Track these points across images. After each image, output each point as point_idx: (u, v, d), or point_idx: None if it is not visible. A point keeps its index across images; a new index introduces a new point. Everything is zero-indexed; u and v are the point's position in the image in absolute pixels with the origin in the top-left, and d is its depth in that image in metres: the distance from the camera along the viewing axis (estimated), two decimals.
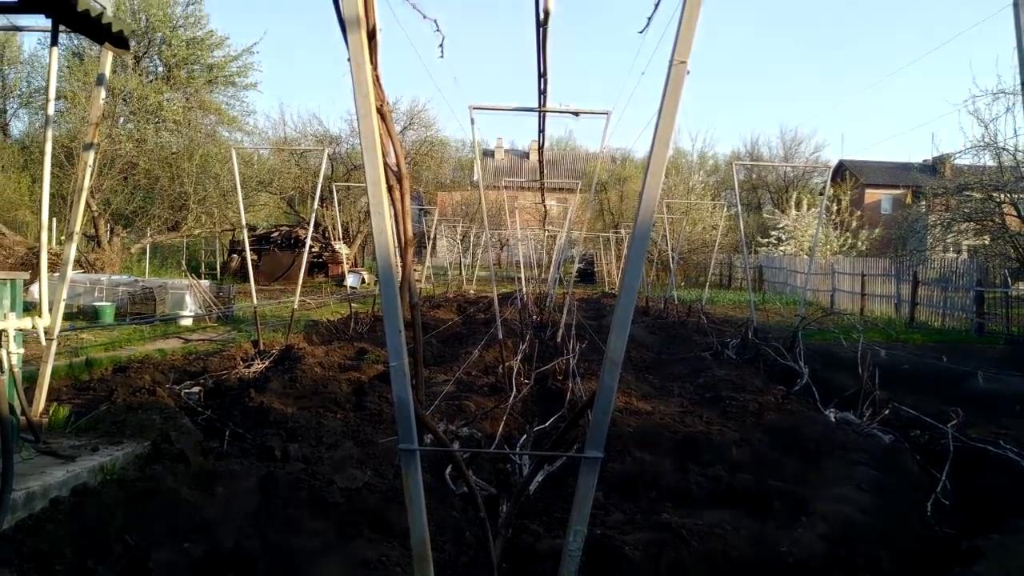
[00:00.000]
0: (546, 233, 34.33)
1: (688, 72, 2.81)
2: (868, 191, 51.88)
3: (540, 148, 14.41)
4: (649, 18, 5.38)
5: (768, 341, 12.85)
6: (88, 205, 21.70)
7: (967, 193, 24.05)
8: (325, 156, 17.10)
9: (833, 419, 7.76)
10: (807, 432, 6.98)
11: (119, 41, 6.05)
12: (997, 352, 14.78)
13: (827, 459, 6.20)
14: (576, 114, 9.75)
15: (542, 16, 6.23)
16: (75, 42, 30.24)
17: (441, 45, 5.47)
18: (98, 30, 5.87)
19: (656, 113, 3.01)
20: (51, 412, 6.54)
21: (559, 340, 13.43)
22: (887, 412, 7.71)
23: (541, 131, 12.08)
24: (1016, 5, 6.24)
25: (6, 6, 5.86)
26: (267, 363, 10.67)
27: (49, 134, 6.13)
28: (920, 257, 26.85)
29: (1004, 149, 21.20)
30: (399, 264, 3.84)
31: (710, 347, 13.72)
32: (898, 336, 17.37)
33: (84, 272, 20.49)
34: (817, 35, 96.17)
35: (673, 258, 25.41)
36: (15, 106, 35.50)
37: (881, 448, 6.59)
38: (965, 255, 26.96)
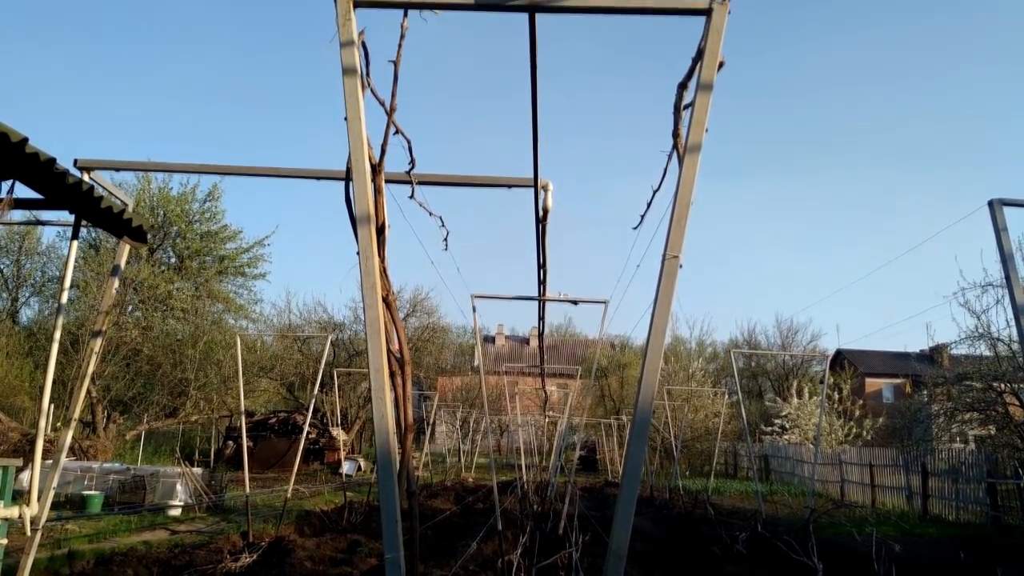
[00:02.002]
0: (547, 419, 34.00)
1: (681, 266, 2.94)
2: (868, 380, 51.96)
3: (540, 334, 14.64)
4: (642, 216, 5.67)
5: (779, 534, 12.37)
6: (88, 391, 21.69)
7: (967, 383, 24.03)
8: (328, 343, 17.32)
9: None
10: None
11: (137, 235, 6.34)
12: (1015, 547, 14.17)
13: None
14: (575, 302, 10.02)
15: (541, 213, 6.58)
16: (92, 234, 31.55)
17: (445, 239, 5.73)
18: (118, 225, 6.17)
19: (652, 303, 3.11)
20: None
21: (561, 532, 12.93)
22: None
23: (541, 318, 12.35)
24: (991, 204, 6.61)
25: (33, 202, 6.21)
26: (255, 556, 10.21)
27: (60, 322, 6.27)
28: (927, 447, 26.38)
29: (999, 340, 21.43)
30: (399, 450, 3.80)
31: (719, 540, 13.18)
32: (912, 529, 16.74)
33: (76, 460, 20.09)
34: (807, 229, 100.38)
35: (676, 446, 24.99)
36: (27, 294, 36.42)
37: None
38: (972, 445, 26.50)
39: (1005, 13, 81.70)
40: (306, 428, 15.72)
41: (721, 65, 3.38)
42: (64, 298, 6.45)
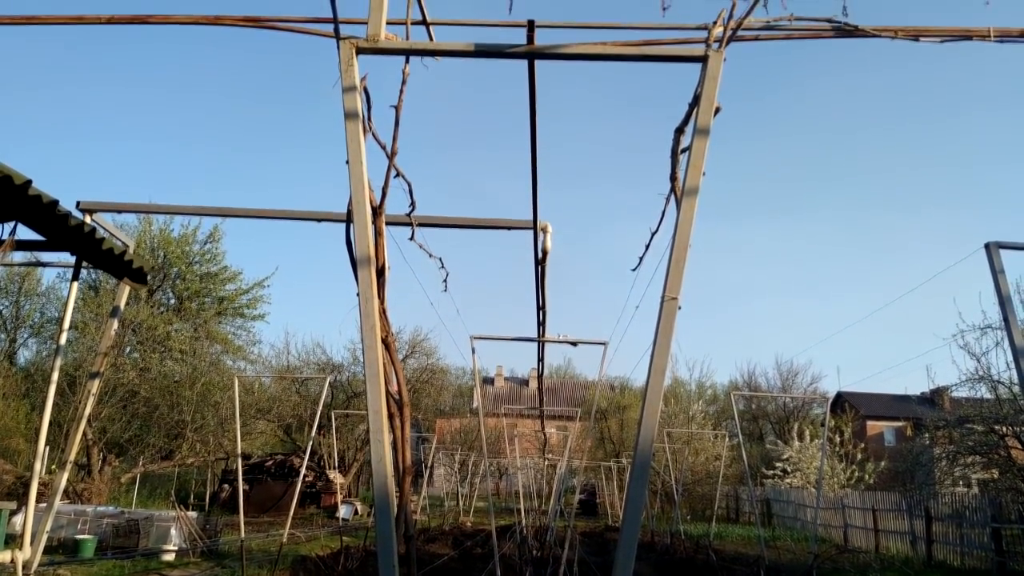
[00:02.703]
0: (546, 462, 33.71)
1: (680, 307, 2.96)
2: (869, 423, 51.65)
3: (540, 376, 14.61)
4: (641, 258, 5.70)
5: None
6: (84, 433, 21.53)
7: (968, 426, 23.89)
8: (327, 384, 17.24)
9: None
10: None
11: (138, 276, 6.36)
12: None
13: None
14: (575, 343, 10.01)
15: (540, 254, 6.62)
16: (92, 275, 31.61)
17: (445, 280, 5.76)
18: (119, 266, 6.19)
19: (651, 345, 3.12)
20: None
21: None
22: None
23: (540, 359, 12.32)
24: (988, 247, 6.65)
25: (35, 243, 6.24)
26: None
27: (58, 363, 6.26)
28: (930, 491, 26.12)
29: (1000, 382, 21.36)
30: (396, 493, 3.77)
31: None
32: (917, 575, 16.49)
33: (70, 503, 19.86)
34: (805, 271, 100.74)
35: (677, 489, 24.74)
36: (26, 335, 36.32)
37: None
38: (976, 489, 26.24)
39: (1000, 60, 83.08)
40: (303, 471, 15.56)
41: (717, 110, 3.44)
42: (63, 339, 6.45)
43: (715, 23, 3.70)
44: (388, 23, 3.87)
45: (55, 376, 6.10)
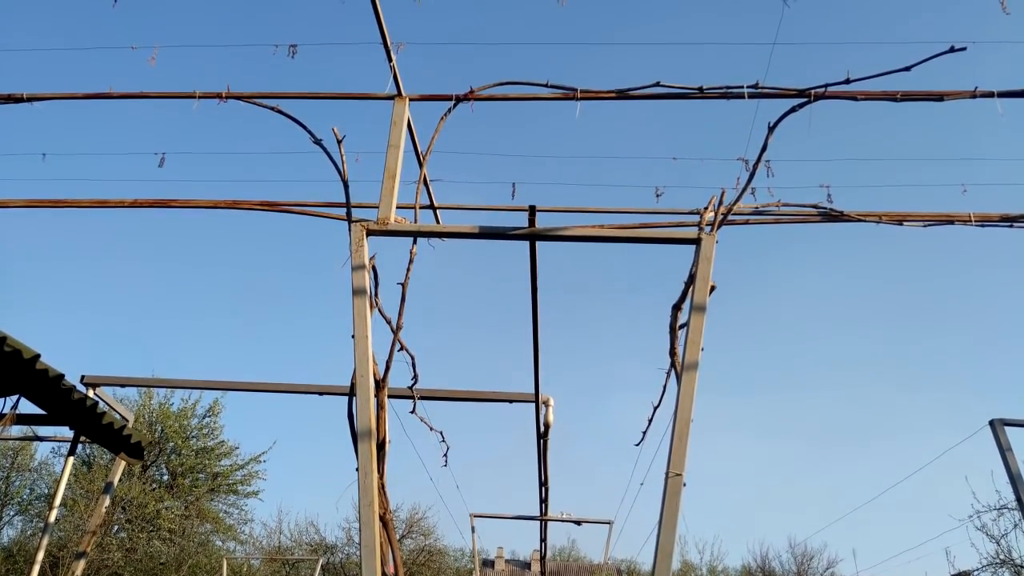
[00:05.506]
0: None
1: (685, 484, 2.91)
2: None
3: (543, 558, 14.01)
4: (644, 432, 5.67)
5: None
6: None
7: None
8: (319, 567, 16.49)
9: None
10: None
11: (135, 451, 6.30)
12: None
13: None
14: (578, 523, 9.71)
15: (543, 428, 6.58)
16: (86, 450, 31.00)
17: (445, 455, 5.70)
18: (117, 441, 6.15)
19: (657, 523, 3.05)
20: None
21: None
22: None
23: (543, 540, 11.87)
24: (992, 425, 6.60)
25: (35, 417, 6.23)
26: None
27: (44, 542, 6.05)
28: None
29: (1023, 567, 20.33)
30: None
31: None
32: None
33: None
34: (813, 451, 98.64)
35: None
36: (12, 513, 35.07)
37: None
38: None
39: (992, 246, 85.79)
40: None
41: (712, 288, 3.55)
42: (52, 517, 6.28)
43: (707, 208, 3.91)
44: (398, 207, 4.09)
45: (40, 556, 5.89)
